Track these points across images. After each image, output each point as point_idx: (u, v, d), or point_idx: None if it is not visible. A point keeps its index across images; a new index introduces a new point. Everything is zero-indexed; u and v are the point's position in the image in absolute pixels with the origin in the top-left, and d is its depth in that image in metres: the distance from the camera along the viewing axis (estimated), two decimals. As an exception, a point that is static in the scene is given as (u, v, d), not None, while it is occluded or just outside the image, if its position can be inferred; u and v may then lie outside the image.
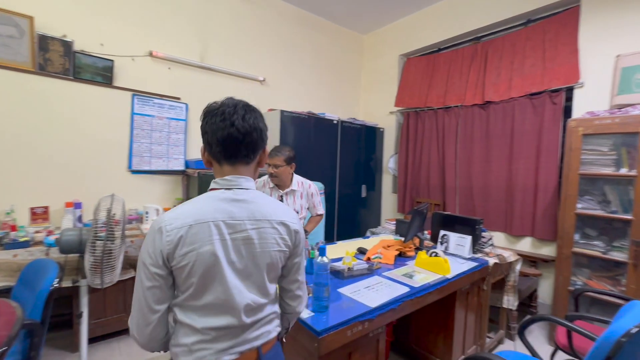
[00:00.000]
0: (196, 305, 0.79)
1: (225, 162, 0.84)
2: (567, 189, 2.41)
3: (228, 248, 0.79)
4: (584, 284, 2.38)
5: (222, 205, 0.80)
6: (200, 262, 0.76)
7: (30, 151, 2.38)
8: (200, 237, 0.76)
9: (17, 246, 1.98)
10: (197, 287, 0.77)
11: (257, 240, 0.82)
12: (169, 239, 0.74)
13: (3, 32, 2.22)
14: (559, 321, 1.45)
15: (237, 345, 0.82)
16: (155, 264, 0.76)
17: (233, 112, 0.81)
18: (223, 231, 0.78)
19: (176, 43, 3.00)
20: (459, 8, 3.47)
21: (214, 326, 0.79)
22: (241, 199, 0.82)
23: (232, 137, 0.80)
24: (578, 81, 2.66)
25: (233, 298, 0.79)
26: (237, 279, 0.80)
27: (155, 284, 0.77)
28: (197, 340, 0.79)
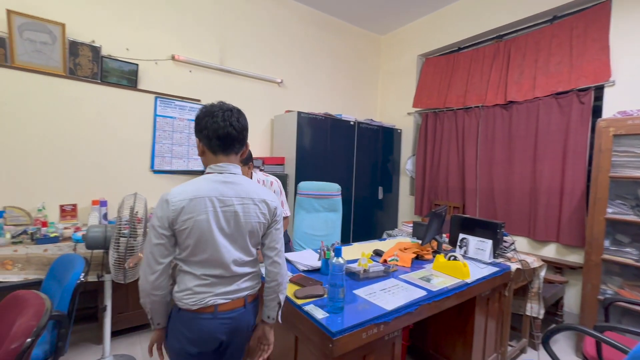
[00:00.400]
0: (195, 260, 1.03)
1: (221, 153, 1.08)
2: (596, 192, 2.29)
3: (219, 218, 1.02)
4: (615, 293, 2.25)
5: (215, 185, 1.03)
6: (196, 227, 0.99)
7: (61, 151, 2.50)
8: (197, 208, 0.99)
9: (47, 241, 2.08)
10: (194, 247, 1.01)
11: (241, 213, 1.05)
12: (173, 208, 0.98)
13: (37, 39, 2.36)
14: (587, 331, 1.38)
15: (230, 293, 1.06)
16: (162, 226, 0.99)
17: (230, 115, 1.06)
18: (215, 205, 1.02)
19: (197, 47, 3.08)
20: (480, 6, 3.38)
21: (210, 274, 1.03)
22: (230, 181, 1.06)
23: (230, 135, 1.06)
24: (609, 79, 2.53)
25: (223, 255, 1.03)
26: (225, 241, 1.04)
27: (161, 242, 0.99)
28: (199, 284, 1.03)
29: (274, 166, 3.27)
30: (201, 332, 1.03)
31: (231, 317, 1.06)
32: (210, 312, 1.03)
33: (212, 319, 1.03)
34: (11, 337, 1.05)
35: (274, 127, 3.61)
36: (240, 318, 1.09)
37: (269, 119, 3.62)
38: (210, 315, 1.03)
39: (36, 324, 1.09)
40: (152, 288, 1.01)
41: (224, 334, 1.06)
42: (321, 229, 2.63)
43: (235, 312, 1.07)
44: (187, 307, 1.02)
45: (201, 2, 3.08)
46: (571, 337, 2.54)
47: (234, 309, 1.07)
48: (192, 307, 1.02)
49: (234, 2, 3.28)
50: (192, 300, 1.02)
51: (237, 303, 1.08)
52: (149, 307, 1.05)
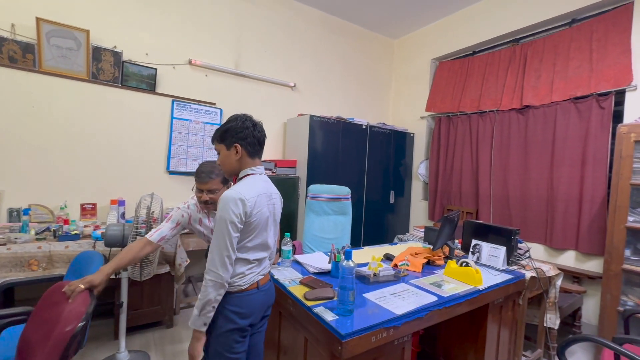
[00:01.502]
0: (250, 246, 1.21)
1: (257, 157, 1.29)
2: (616, 199, 2.22)
3: (269, 209, 1.26)
4: (636, 305, 2.16)
5: (263, 184, 1.26)
6: (260, 218, 1.20)
7: (82, 152, 2.61)
8: (261, 202, 1.21)
9: (68, 238, 2.17)
10: (256, 234, 1.21)
11: (277, 205, 1.33)
12: (250, 204, 1.15)
13: (64, 45, 2.47)
14: (605, 343, 1.34)
15: (265, 269, 1.30)
16: (240, 221, 1.14)
17: (257, 124, 1.29)
18: (267, 200, 1.25)
19: (213, 52, 3.16)
20: (496, 10, 3.34)
21: (259, 257, 1.25)
22: (267, 180, 1.31)
23: (264, 142, 1.31)
24: (630, 83, 2.45)
25: (269, 240, 1.28)
26: (271, 228, 1.30)
27: (237, 234, 1.15)
28: (250, 267, 1.22)
29: (285, 169, 3.30)
30: (251, 306, 1.22)
31: (267, 289, 1.30)
32: (255, 288, 1.24)
33: (257, 293, 1.24)
34: (64, 321, 1.13)
35: (287, 130, 3.66)
36: (272, 289, 1.35)
37: (282, 122, 3.67)
38: (255, 290, 1.24)
39: (85, 310, 1.18)
40: (226, 278, 1.14)
41: (264, 304, 1.28)
42: (331, 231, 2.64)
43: (268, 285, 1.32)
44: (238, 288, 1.19)
45: (218, 9, 3.17)
46: (589, 349, 2.45)
47: (266, 282, 1.31)
48: (243, 287, 1.20)
49: (249, 8, 3.35)
50: (243, 281, 1.20)
51: (267, 278, 1.32)
52: (219, 301, 1.14)
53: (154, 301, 2.41)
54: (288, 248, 1.78)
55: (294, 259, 1.88)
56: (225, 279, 1.13)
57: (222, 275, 1.12)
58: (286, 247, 1.77)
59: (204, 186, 1.55)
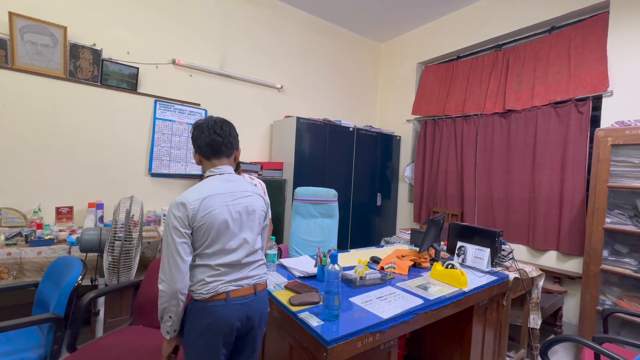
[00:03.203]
0: (209, 252, 1.12)
1: (213, 157, 1.23)
2: (595, 201, 2.29)
3: (230, 210, 1.15)
4: (614, 304, 2.23)
5: (221, 183, 1.18)
6: (212, 221, 1.11)
7: (58, 153, 2.50)
8: (211, 204, 1.12)
9: (41, 244, 2.06)
10: (212, 239, 1.11)
11: (249, 205, 1.21)
12: (192, 207, 1.08)
13: (39, 41, 2.37)
14: (585, 343, 1.36)
15: (240, 280, 1.15)
16: (183, 225, 1.08)
17: (213, 125, 1.21)
18: (226, 199, 1.15)
19: (198, 52, 3.10)
20: (480, 16, 3.42)
21: (223, 263, 1.13)
22: (231, 179, 1.22)
23: (215, 141, 1.20)
24: (606, 89, 2.54)
25: (234, 244, 1.15)
26: (238, 230, 1.17)
27: (184, 240, 1.08)
28: (211, 274, 1.11)
29: (272, 171, 3.26)
30: (215, 319, 1.09)
31: (242, 304, 1.14)
32: (222, 299, 1.11)
33: (225, 306, 1.10)
34: None
35: (273, 132, 3.62)
36: (252, 305, 1.16)
37: (269, 124, 3.63)
38: (222, 302, 1.11)
39: None
40: (181, 288, 1.07)
41: (237, 320, 1.13)
42: (317, 234, 2.62)
43: (247, 299, 1.15)
44: (202, 297, 1.09)
45: (202, 8, 3.11)
46: (570, 348, 2.51)
47: (245, 296, 1.15)
48: (206, 295, 1.09)
49: (235, 8, 3.30)
50: (205, 289, 1.09)
51: (247, 290, 1.16)
52: (174, 312, 1.08)
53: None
54: (273, 252, 1.75)
55: (280, 262, 1.84)
56: (176, 288, 1.05)
57: (171, 285, 1.05)
58: (271, 251, 1.74)
59: None
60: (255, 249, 1.21)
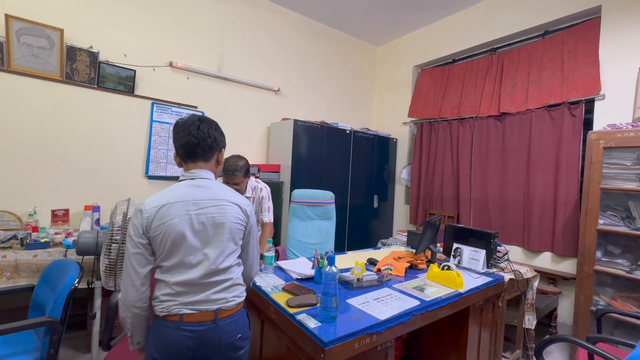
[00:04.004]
0: (167, 265, 1.03)
1: (188, 160, 1.12)
2: (588, 203, 2.32)
3: (192, 221, 1.03)
4: (607, 305, 2.26)
5: (188, 189, 1.06)
6: (169, 231, 1.00)
7: (55, 155, 2.49)
8: (170, 212, 1.01)
9: (37, 247, 2.05)
10: (168, 250, 1.02)
11: (217, 214, 1.06)
12: (147, 215, 1.00)
13: (35, 43, 2.36)
14: (579, 342, 1.38)
15: (196, 303, 1.02)
16: (137, 234, 1.01)
17: (190, 124, 1.10)
18: (189, 208, 1.04)
19: (195, 54, 3.11)
20: (474, 20, 3.46)
21: (179, 281, 1.01)
22: (202, 185, 1.09)
23: (189, 143, 1.09)
24: (599, 93, 2.58)
25: (195, 259, 1.03)
26: (199, 244, 1.04)
27: (138, 251, 1.01)
28: (165, 292, 1.02)
29: (269, 173, 3.27)
30: (164, 341, 1.00)
31: (196, 331, 1.00)
32: (174, 321, 1.00)
33: (175, 329, 1.00)
34: None
35: (270, 134, 3.63)
36: (208, 334, 1.02)
37: (266, 127, 3.64)
38: (174, 324, 1.00)
39: None
40: (134, 300, 1.01)
41: (187, 348, 1.01)
42: (315, 237, 2.63)
43: (202, 326, 1.01)
44: (157, 313, 1.03)
45: (200, 11, 3.12)
46: (565, 348, 2.53)
47: (200, 322, 1.01)
48: (160, 314, 1.02)
49: (233, 11, 3.32)
50: (159, 307, 1.02)
51: (205, 316, 1.02)
52: (130, 322, 1.03)
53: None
54: (271, 254, 1.75)
55: (277, 265, 1.85)
56: (128, 300, 1.00)
57: (124, 296, 1.01)
58: (268, 253, 1.74)
59: (230, 180, 1.91)
60: (219, 268, 1.05)
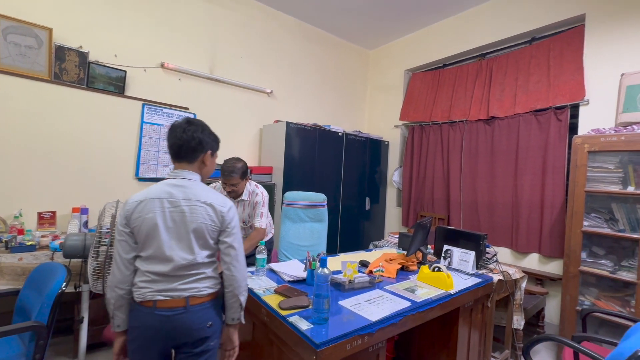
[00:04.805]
0: (143, 256, 1.14)
1: (175, 161, 1.22)
2: (573, 205, 2.38)
3: (166, 217, 1.13)
4: (592, 304, 2.32)
5: (166, 188, 1.16)
6: (144, 225, 1.11)
7: (41, 157, 2.44)
8: (147, 208, 1.12)
9: (23, 250, 2.00)
10: (143, 242, 1.13)
11: (188, 213, 1.14)
12: (128, 208, 1.13)
13: (22, 42, 2.32)
14: (564, 342, 1.41)
15: (169, 291, 1.12)
16: (121, 224, 1.14)
17: (177, 127, 1.19)
18: (164, 205, 1.13)
19: (187, 55, 3.09)
20: (464, 25, 3.53)
21: (153, 271, 1.12)
22: (180, 184, 1.17)
23: (174, 145, 1.20)
24: (583, 98, 2.66)
25: (165, 252, 1.12)
26: (171, 240, 1.13)
27: (122, 238, 1.14)
28: (142, 279, 1.13)
29: (261, 175, 3.26)
30: (140, 324, 1.12)
31: (168, 316, 1.10)
32: (149, 307, 1.11)
33: (150, 314, 1.11)
34: None
35: (263, 136, 3.62)
36: (180, 318, 1.12)
37: (258, 129, 3.63)
38: (148, 309, 1.11)
39: None
40: (118, 281, 1.13)
41: (162, 331, 1.11)
42: (307, 239, 2.63)
43: (174, 312, 1.11)
44: (135, 299, 1.14)
45: (192, 12, 3.11)
46: (552, 347, 2.58)
47: (172, 308, 1.11)
48: (137, 299, 1.13)
49: (225, 12, 3.32)
50: (137, 294, 1.12)
51: (176, 302, 1.12)
52: (112, 303, 1.15)
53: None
54: (263, 256, 1.75)
55: (269, 267, 1.85)
56: (114, 281, 1.13)
57: (111, 278, 1.14)
58: (260, 256, 1.74)
59: (227, 180, 1.99)
60: (189, 264, 1.13)
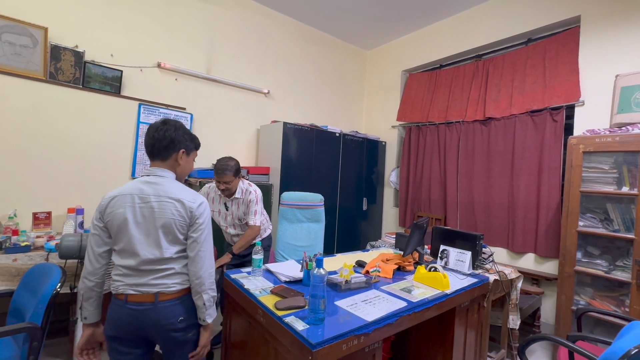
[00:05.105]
0: (117, 249, 1.20)
1: (150, 159, 1.28)
2: (568, 206, 2.40)
3: (136, 212, 1.17)
4: (587, 304, 2.33)
5: (138, 185, 1.21)
6: (115, 219, 1.17)
7: (37, 156, 2.42)
8: (118, 203, 1.17)
9: (17, 250, 1.99)
10: (115, 237, 1.19)
11: (157, 209, 1.18)
12: (102, 204, 1.19)
13: (17, 41, 2.30)
14: (559, 341, 1.42)
15: (140, 286, 1.17)
16: (96, 219, 1.19)
17: (152, 127, 1.25)
18: (135, 201, 1.18)
19: (184, 55, 3.08)
20: (461, 27, 3.55)
21: (124, 264, 1.17)
22: (152, 181, 1.22)
23: (148, 144, 1.25)
24: (579, 99, 2.68)
25: (135, 247, 1.16)
26: (140, 235, 1.17)
27: (95, 232, 1.19)
28: (116, 273, 1.20)
29: (258, 176, 3.26)
30: (114, 316, 1.18)
31: (138, 310, 1.16)
32: (121, 300, 1.17)
33: (122, 307, 1.17)
34: None
35: (260, 137, 3.62)
36: (148, 313, 1.16)
37: (255, 129, 3.63)
38: (120, 302, 1.17)
39: None
40: (88, 272, 1.18)
41: (133, 325, 1.17)
42: (304, 239, 2.63)
43: (143, 306, 1.16)
44: (111, 291, 1.20)
45: (188, 11, 3.10)
46: (547, 347, 2.60)
47: (141, 302, 1.16)
48: (113, 292, 1.20)
49: (222, 13, 3.31)
50: (112, 287, 1.20)
51: (145, 297, 1.16)
52: (81, 294, 1.19)
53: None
54: (259, 257, 1.75)
55: (266, 267, 1.84)
56: (85, 272, 1.19)
57: (83, 270, 1.20)
58: (257, 256, 1.74)
59: (220, 179, 2.03)
60: (157, 258, 1.17)
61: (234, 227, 2.24)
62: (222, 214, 2.23)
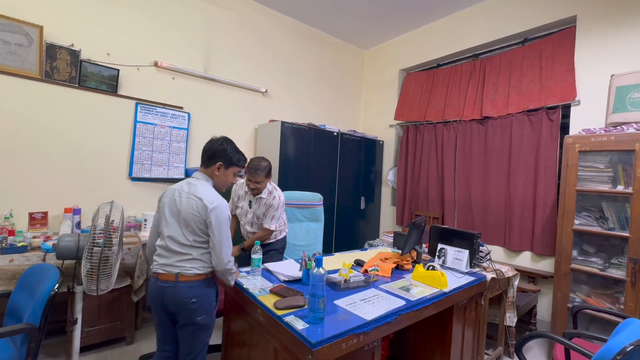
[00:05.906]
0: (160, 231, 1.51)
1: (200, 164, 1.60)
2: (564, 204, 2.42)
3: (173, 204, 1.48)
4: (583, 301, 2.36)
5: (183, 183, 1.53)
6: (161, 207, 1.52)
7: (33, 156, 2.40)
8: (166, 195, 1.53)
9: (14, 251, 1.97)
10: (159, 221, 1.53)
11: (185, 204, 1.46)
12: (162, 194, 1.56)
13: (12, 40, 2.28)
14: (555, 338, 1.44)
15: (167, 266, 1.43)
16: (158, 208, 1.56)
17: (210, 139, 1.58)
18: (175, 195, 1.49)
19: (181, 54, 3.07)
20: (458, 26, 3.56)
21: (159, 244, 1.48)
22: (191, 182, 1.52)
23: (202, 151, 1.58)
24: (574, 99, 2.70)
25: (166, 230, 1.46)
26: (172, 221, 1.46)
27: (156, 216, 1.57)
28: (155, 254, 1.50)
29: (256, 175, 3.25)
30: (150, 290, 1.47)
31: (163, 287, 1.41)
32: (155, 277, 1.44)
33: (154, 283, 1.44)
34: None
35: (258, 136, 3.62)
36: (170, 291, 1.40)
37: (253, 128, 3.62)
38: (154, 279, 1.44)
39: None
40: (149, 245, 1.57)
41: (157, 298, 1.42)
42: (303, 238, 2.63)
43: (167, 284, 1.40)
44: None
45: (186, 10, 3.09)
46: (544, 344, 2.63)
47: (166, 280, 1.41)
48: (152, 270, 1.47)
49: (219, 12, 3.30)
50: (152, 267, 1.48)
51: (169, 277, 1.41)
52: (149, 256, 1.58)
53: (113, 317, 2.25)
54: (258, 256, 1.75)
55: (265, 267, 1.85)
56: (148, 243, 1.61)
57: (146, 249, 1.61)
58: (256, 256, 1.74)
59: (252, 178, 2.08)
60: (179, 242, 1.43)
61: (252, 225, 2.27)
62: (244, 210, 2.27)
